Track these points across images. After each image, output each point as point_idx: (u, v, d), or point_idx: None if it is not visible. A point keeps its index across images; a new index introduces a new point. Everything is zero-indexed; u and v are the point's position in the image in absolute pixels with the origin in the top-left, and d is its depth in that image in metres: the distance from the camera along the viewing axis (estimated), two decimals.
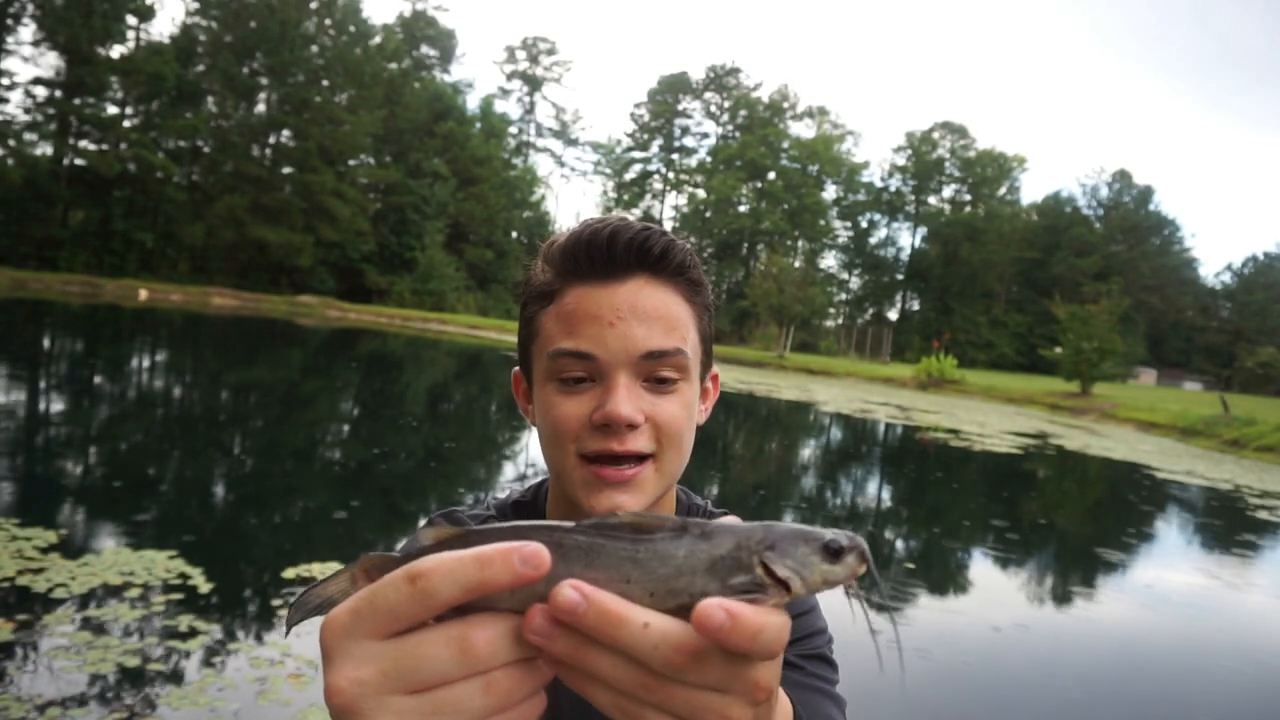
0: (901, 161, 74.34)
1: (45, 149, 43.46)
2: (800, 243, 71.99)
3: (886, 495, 10.14)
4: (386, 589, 0.40)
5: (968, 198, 73.68)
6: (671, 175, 77.73)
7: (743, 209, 71.45)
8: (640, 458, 0.81)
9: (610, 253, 0.82)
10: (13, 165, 40.14)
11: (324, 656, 0.42)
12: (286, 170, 50.22)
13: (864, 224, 75.72)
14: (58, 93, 42.73)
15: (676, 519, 0.42)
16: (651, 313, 0.82)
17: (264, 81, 49.84)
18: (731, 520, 0.43)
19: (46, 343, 17.41)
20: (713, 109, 77.80)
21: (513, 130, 74.77)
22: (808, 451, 13.37)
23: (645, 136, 77.42)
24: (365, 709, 0.40)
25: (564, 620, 0.39)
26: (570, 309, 0.82)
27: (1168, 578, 6.98)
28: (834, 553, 0.41)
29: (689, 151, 77.74)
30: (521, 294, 0.91)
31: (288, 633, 0.50)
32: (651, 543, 0.41)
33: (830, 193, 74.15)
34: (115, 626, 3.56)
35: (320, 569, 4.51)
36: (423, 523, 0.45)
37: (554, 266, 0.85)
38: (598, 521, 0.42)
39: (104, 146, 43.81)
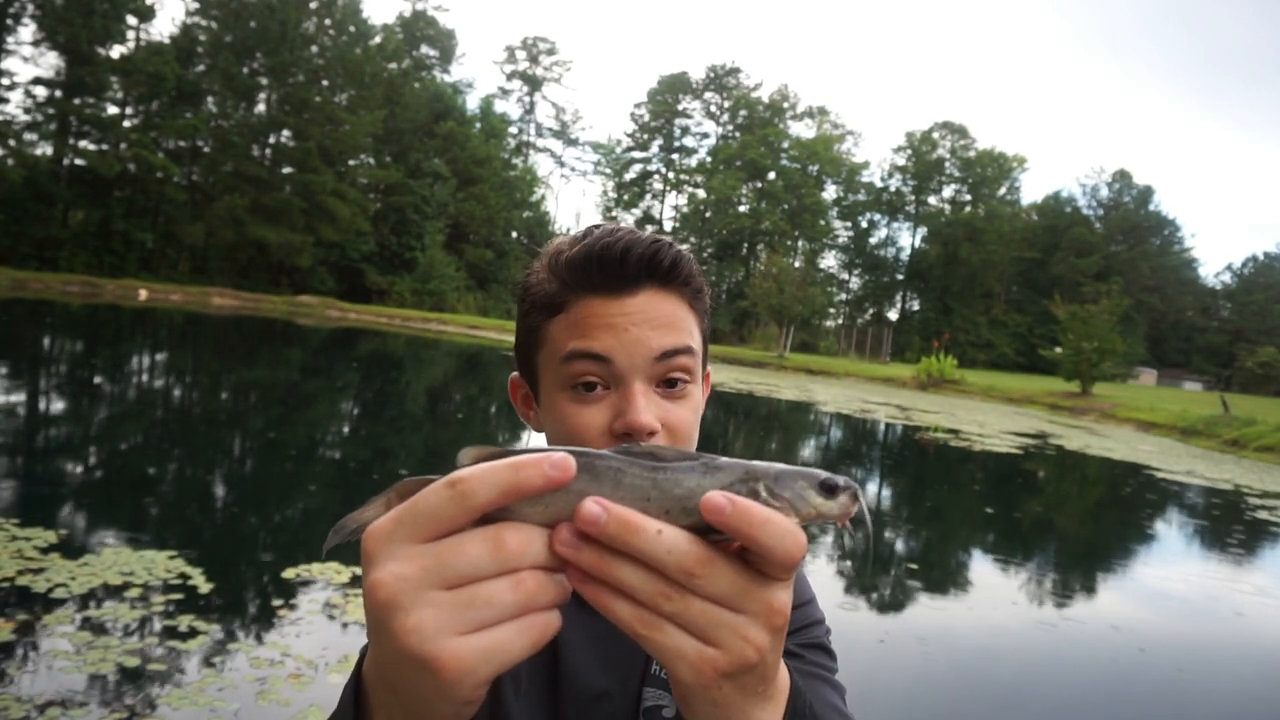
0: (901, 161, 74.34)
1: (45, 149, 43.45)
2: (800, 243, 71.96)
3: (887, 495, 10.13)
4: (427, 495, 0.44)
5: (968, 198, 73.64)
6: (671, 175, 77.72)
7: (743, 209, 71.45)
8: None
9: (622, 268, 0.82)
10: (13, 165, 40.08)
11: (365, 560, 0.45)
12: (286, 170, 50.15)
13: (864, 224, 75.71)
14: (58, 93, 42.69)
15: (690, 452, 0.47)
16: (661, 320, 0.83)
17: (264, 81, 49.81)
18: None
19: (46, 343, 17.41)
20: (713, 109, 77.80)
21: (513, 130, 74.80)
22: (808, 452, 13.36)
23: (645, 136, 77.37)
24: (405, 602, 0.43)
25: (587, 531, 0.43)
26: (580, 319, 0.83)
27: (1167, 578, 6.98)
28: (829, 489, 0.46)
29: (689, 151, 77.70)
30: (521, 298, 0.91)
31: (325, 555, 0.55)
32: (669, 470, 0.46)
33: (830, 193, 74.16)
34: (115, 626, 3.56)
35: (320, 569, 4.51)
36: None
37: (560, 278, 0.85)
38: (625, 448, 0.47)
39: (104, 146, 43.78)
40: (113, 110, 44.96)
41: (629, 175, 78.18)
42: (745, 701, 0.48)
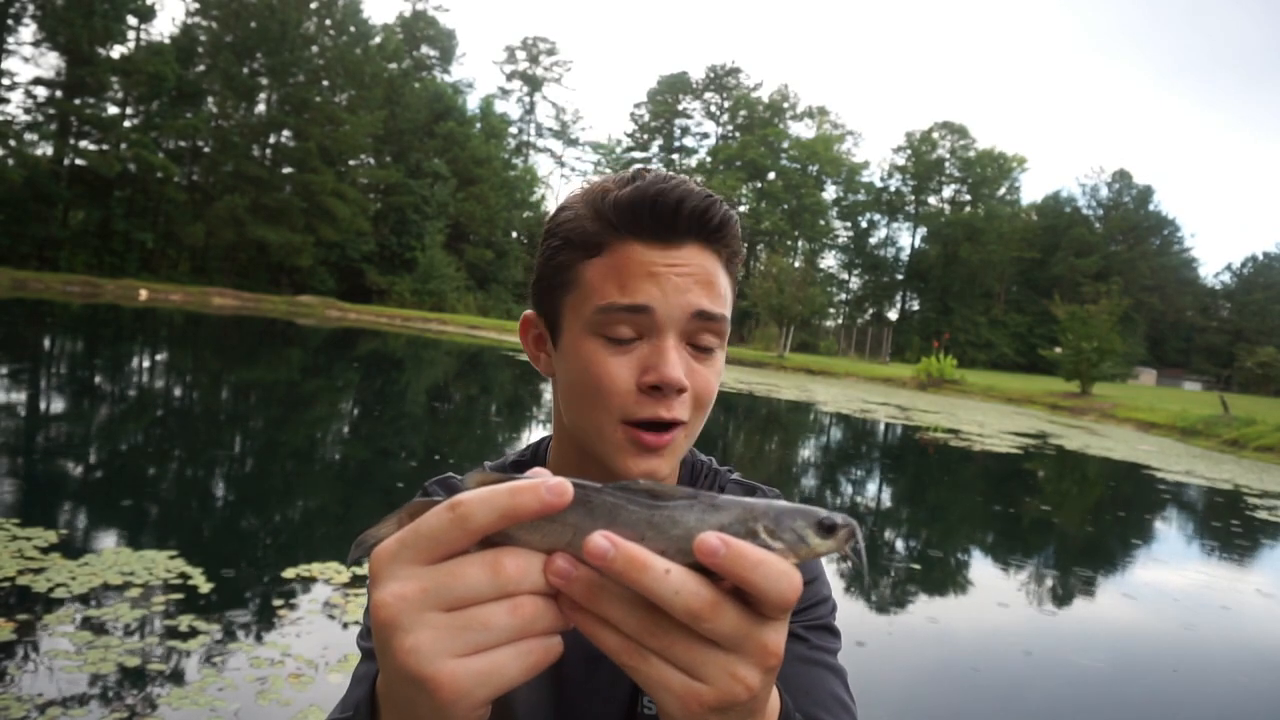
0: (901, 161, 74.39)
1: (45, 149, 43.44)
2: (800, 243, 72.02)
3: (886, 495, 10.14)
4: (429, 517, 0.45)
5: (968, 198, 73.69)
6: None
7: (743, 209, 71.46)
8: (675, 424, 0.81)
9: (674, 218, 0.80)
10: (13, 165, 40.06)
11: (371, 579, 0.46)
12: (286, 170, 50.18)
13: (864, 224, 75.78)
14: (58, 93, 42.71)
15: (689, 490, 0.47)
16: (704, 278, 0.82)
17: (264, 81, 49.82)
18: (737, 496, 0.47)
19: (47, 343, 17.41)
20: (713, 109, 77.87)
21: (513, 130, 74.83)
22: (807, 452, 13.37)
23: (645, 136, 77.45)
24: (405, 622, 0.44)
25: (595, 565, 0.43)
26: (623, 264, 0.81)
27: (1167, 578, 6.98)
28: (827, 529, 0.46)
29: (689, 151, 77.79)
30: (549, 232, 0.88)
31: (348, 566, 0.58)
32: (666, 509, 0.45)
33: (830, 193, 74.26)
34: (115, 626, 3.56)
35: (320, 569, 4.51)
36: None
37: (605, 218, 0.83)
38: (622, 485, 0.47)
39: (104, 146, 43.77)
40: (113, 110, 45.00)
41: None
42: None
